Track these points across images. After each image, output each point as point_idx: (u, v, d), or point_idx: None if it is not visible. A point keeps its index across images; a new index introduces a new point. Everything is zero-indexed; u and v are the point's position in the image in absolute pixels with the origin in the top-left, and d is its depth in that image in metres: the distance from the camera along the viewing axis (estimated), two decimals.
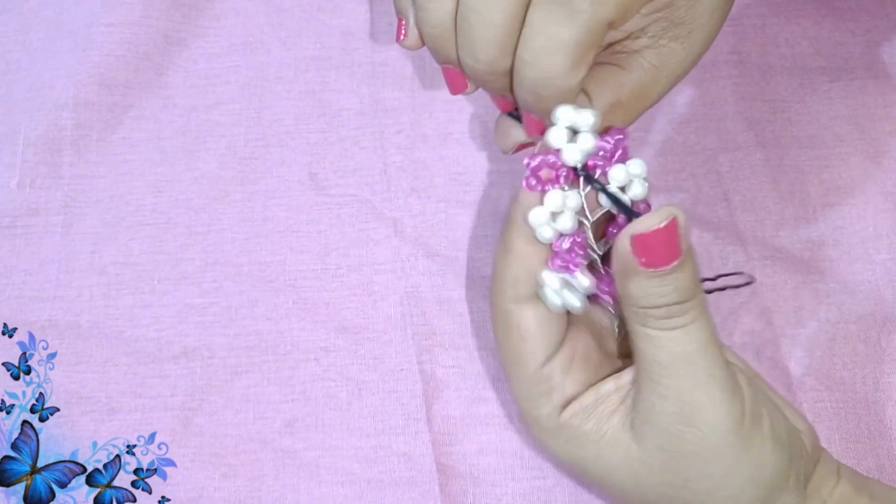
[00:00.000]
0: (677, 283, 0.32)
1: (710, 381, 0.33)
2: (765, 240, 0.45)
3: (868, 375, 0.42)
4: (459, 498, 0.41)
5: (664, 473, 0.34)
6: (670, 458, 0.34)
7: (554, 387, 0.35)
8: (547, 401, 0.36)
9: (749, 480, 0.33)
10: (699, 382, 0.33)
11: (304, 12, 0.50)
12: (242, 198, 0.46)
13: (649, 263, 0.31)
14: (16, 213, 0.46)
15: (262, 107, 0.48)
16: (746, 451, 0.33)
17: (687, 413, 0.33)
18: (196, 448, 0.42)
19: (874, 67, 0.49)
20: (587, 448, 0.35)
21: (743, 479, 0.33)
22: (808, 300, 0.44)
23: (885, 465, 0.40)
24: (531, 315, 0.35)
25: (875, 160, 0.47)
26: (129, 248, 0.45)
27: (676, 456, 0.33)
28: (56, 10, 0.50)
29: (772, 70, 0.49)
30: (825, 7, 0.47)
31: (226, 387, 0.43)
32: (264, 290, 0.44)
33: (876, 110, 0.48)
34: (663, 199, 0.46)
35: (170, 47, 0.49)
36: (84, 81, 0.48)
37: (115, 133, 0.48)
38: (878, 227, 0.45)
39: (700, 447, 0.33)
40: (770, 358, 0.43)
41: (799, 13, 0.49)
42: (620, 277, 0.33)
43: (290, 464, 0.42)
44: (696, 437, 0.33)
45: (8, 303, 0.44)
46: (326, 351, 0.43)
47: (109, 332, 0.44)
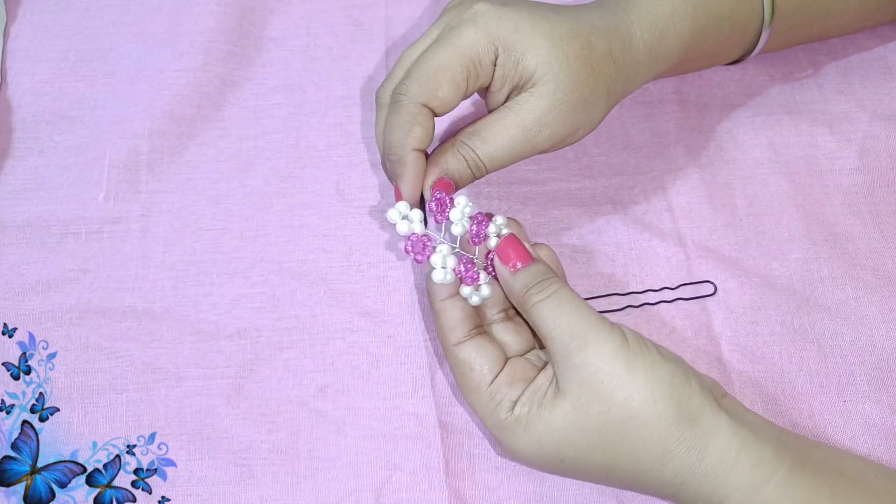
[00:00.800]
0: (538, 267, 0.40)
1: (584, 319, 0.38)
2: (700, 242, 0.48)
3: (783, 351, 0.46)
4: (457, 449, 0.44)
5: (591, 406, 0.37)
6: (587, 387, 0.37)
7: (503, 396, 0.39)
8: (500, 408, 0.39)
9: (651, 380, 0.36)
10: (578, 322, 0.38)
11: (332, 60, 0.53)
12: (283, 209, 0.49)
13: (513, 266, 0.40)
14: (102, 221, 0.49)
15: (299, 136, 0.51)
16: (637, 360, 0.37)
17: (579, 342, 0.37)
18: (246, 409, 0.44)
19: (788, 104, 0.52)
20: (538, 426, 0.38)
21: (647, 381, 0.36)
22: (735, 290, 0.47)
23: (797, 423, 0.44)
24: (470, 349, 0.40)
25: (788, 179, 0.50)
26: (193, 248, 0.48)
27: (589, 381, 0.37)
28: (135, 58, 0.53)
29: (707, 107, 0.52)
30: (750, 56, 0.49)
31: (270, 360, 0.46)
32: (301, 283, 0.47)
33: (789, 139, 0.51)
34: (620, 211, 0.49)
35: (225, 88, 0.52)
36: (157, 116, 0.50)
37: (181, 157, 0.50)
38: (792, 232, 0.48)
39: (600, 365, 0.37)
40: (705, 336, 0.46)
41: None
42: (506, 284, 0.40)
43: (322, 421, 0.44)
44: (592, 357, 0.37)
45: (97, 292, 0.47)
46: (351, 331, 0.46)
47: (177, 316, 0.46)
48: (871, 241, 0.48)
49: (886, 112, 0.52)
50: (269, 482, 0.43)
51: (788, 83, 0.50)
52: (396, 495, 0.43)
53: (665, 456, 0.36)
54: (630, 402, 0.37)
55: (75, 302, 0.47)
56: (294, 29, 0.54)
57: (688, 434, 0.36)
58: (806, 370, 0.46)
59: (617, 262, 0.48)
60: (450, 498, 0.43)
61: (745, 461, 0.36)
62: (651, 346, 0.38)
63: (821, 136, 0.51)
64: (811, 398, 0.45)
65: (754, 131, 0.51)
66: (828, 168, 0.50)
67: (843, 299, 0.47)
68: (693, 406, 0.37)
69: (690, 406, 0.37)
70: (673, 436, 0.36)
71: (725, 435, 0.36)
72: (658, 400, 0.36)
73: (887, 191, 0.50)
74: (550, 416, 0.38)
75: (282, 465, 0.44)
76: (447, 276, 0.41)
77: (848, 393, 0.45)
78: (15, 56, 0.53)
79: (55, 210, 0.49)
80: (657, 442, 0.36)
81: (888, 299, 0.47)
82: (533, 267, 0.40)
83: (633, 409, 0.37)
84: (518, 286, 0.40)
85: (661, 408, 0.36)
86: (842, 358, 0.46)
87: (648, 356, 0.37)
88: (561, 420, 0.37)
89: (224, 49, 0.52)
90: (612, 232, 0.49)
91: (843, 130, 0.51)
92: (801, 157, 0.51)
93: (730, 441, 0.36)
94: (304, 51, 0.53)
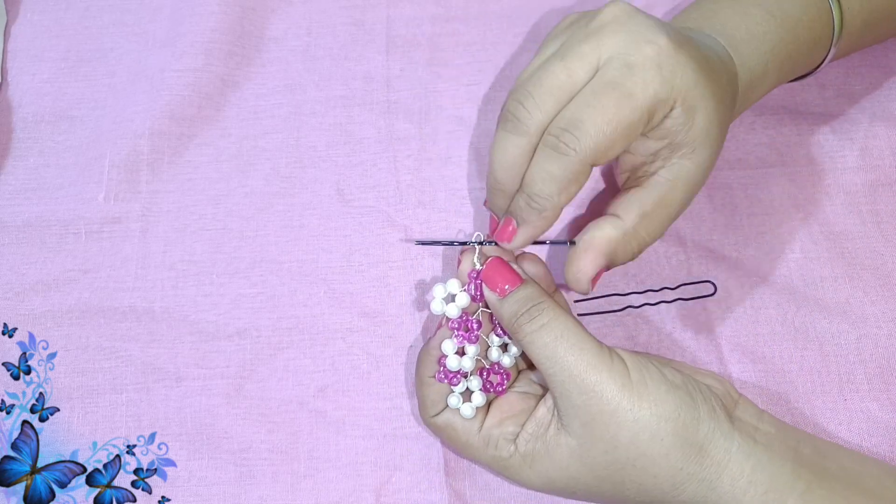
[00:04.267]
0: (527, 291, 0.38)
1: (582, 356, 0.36)
2: (701, 242, 0.48)
3: (784, 351, 0.46)
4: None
5: (595, 446, 0.36)
6: (592, 429, 0.36)
7: (498, 435, 0.39)
8: (499, 448, 0.39)
9: (656, 417, 0.35)
10: (577, 361, 0.36)
11: (332, 60, 0.53)
12: (283, 209, 0.49)
13: (501, 291, 0.38)
14: (102, 221, 0.49)
15: (299, 136, 0.51)
16: (641, 396, 0.35)
17: (579, 384, 0.36)
18: (246, 409, 0.44)
19: (789, 104, 0.52)
20: (545, 462, 0.37)
21: (651, 419, 0.35)
22: (735, 290, 0.47)
23: (798, 421, 0.44)
24: (447, 414, 0.40)
25: (789, 178, 0.50)
26: (193, 248, 0.48)
27: (593, 423, 0.36)
28: (135, 58, 0.53)
29: None
30: None
31: (270, 360, 0.46)
32: (301, 283, 0.47)
33: (791, 138, 0.51)
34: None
35: (226, 88, 0.52)
36: (157, 116, 0.50)
37: (182, 157, 0.50)
38: (792, 232, 0.48)
39: (604, 406, 0.35)
40: (705, 336, 0.46)
41: None
42: (495, 310, 0.39)
43: (322, 421, 0.44)
44: (594, 399, 0.35)
45: (97, 292, 0.47)
46: (351, 331, 0.46)
47: (177, 316, 0.46)
48: (871, 240, 0.48)
49: (887, 112, 0.52)
50: (269, 482, 0.43)
51: (790, 83, 0.50)
52: (396, 495, 0.43)
53: (675, 490, 0.36)
54: (636, 441, 0.35)
55: (75, 302, 0.47)
56: (295, 29, 0.54)
57: (697, 468, 0.35)
58: (806, 370, 0.46)
59: None
60: (450, 498, 0.43)
61: (759, 485, 0.35)
62: (655, 373, 0.37)
63: (822, 135, 0.51)
64: (812, 398, 0.45)
65: (755, 131, 0.51)
66: (829, 167, 0.50)
67: (843, 299, 0.47)
68: (701, 436, 0.35)
69: (699, 437, 0.35)
70: (682, 472, 0.35)
71: (737, 460, 0.35)
72: (665, 437, 0.35)
73: (888, 190, 0.50)
74: (556, 453, 0.37)
75: (282, 465, 0.44)
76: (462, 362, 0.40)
77: (848, 392, 0.45)
78: (15, 56, 0.53)
79: (55, 210, 0.49)
80: (666, 478, 0.36)
81: (888, 299, 0.47)
82: (521, 291, 0.38)
83: (640, 448, 0.35)
84: (507, 314, 0.38)
85: (669, 445, 0.35)
86: (842, 357, 0.46)
87: (653, 389, 0.36)
88: (567, 458, 0.37)
89: (225, 49, 0.52)
90: None
91: (844, 130, 0.51)
92: (802, 156, 0.51)
93: (742, 466, 0.35)
94: (305, 51, 0.54)
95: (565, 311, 0.38)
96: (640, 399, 0.36)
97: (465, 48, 0.54)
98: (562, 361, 0.36)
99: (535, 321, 0.37)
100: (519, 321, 0.38)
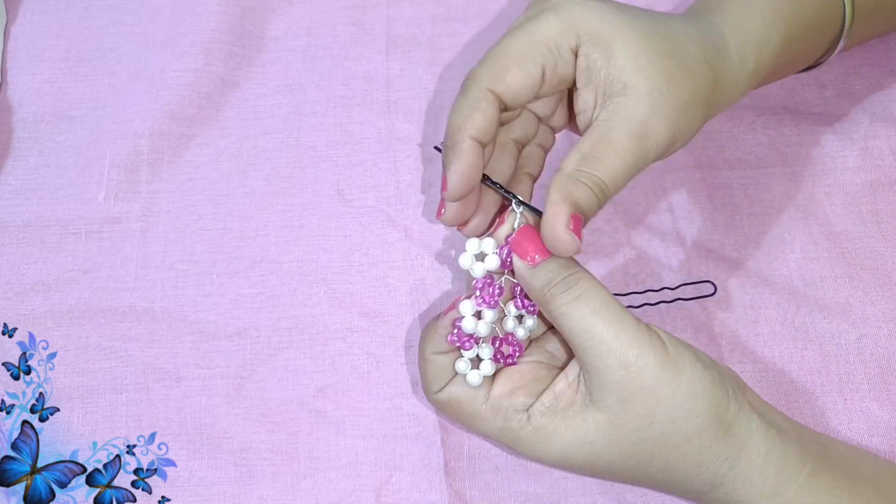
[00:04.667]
0: (559, 261, 0.37)
1: (623, 326, 0.35)
2: (701, 242, 0.49)
3: (784, 351, 0.46)
4: (457, 449, 0.44)
5: (629, 422, 0.35)
6: (628, 404, 0.35)
7: (507, 407, 0.38)
8: (509, 418, 0.38)
9: (693, 394, 0.35)
10: (616, 336, 0.35)
11: (333, 60, 0.53)
12: (283, 209, 0.49)
13: (532, 259, 0.37)
14: (102, 221, 0.49)
15: (299, 136, 0.51)
16: (680, 372, 0.35)
17: (620, 358, 0.35)
18: (246, 409, 0.44)
19: (789, 104, 0.52)
20: (564, 437, 0.37)
21: (688, 395, 0.35)
22: (735, 290, 0.47)
23: (797, 420, 0.40)
24: (450, 388, 0.39)
25: (789, 178, 0.50)
26: (193, 248, 0.48)
27: (631, 399, 0.35)
28: (135, 58, 0.53)
29: None
30: None
31: (270, 360, 0.46)
32: (301, 283, 0.47)
33: (791, 138, 0.51)
34: (620, 210, 0.49)
35: (226, 88, 0.52)
36: (157, 116, 0.50)
37: (182, 157, 0.51)
38: (792, 232, 0.49)
39: (643, 381, 0.35)
40: (705, 336, 0.46)
41: None
42: (524, 281, 0.37)
43: (322, 421, 0.44)
44: (634, 374, 0.35)
45: (97, 292, 0.47)
46: (351, 331, 0.46)
47: (177, 316, 0.46)
48: (871, 240, 0.49)
49: (887, 112, 0.52)
50: (269, 482, 0.43)
51: (790, 83, 0.50)
52: (396, 495, 0.43)
53: (700, 468, 0.36)
54: (672, 417, 0.35)
55: (75, 302, 0.47)
56: (295, 29, 0.54)
57: (724, 446, 0.36)
58: (807, 370, 0.46)
59: (616, 262, 0.48)
60: (450, 498, 0.43)
61: (771, 466, 0.36)
62: (688, 352, 0.37)
63: (822, 135, 0.51)
64: (812, 398, 0.45)
65: (755, 131, 0.51)
66: (829, 167, 0.50)
67: (843, 299, 0.47)
68: (730, 416, 0.36)
69: (728, 416, 0.36)
70: (710, 449, 0.36)
71: (756, 441, 0.36)
72: (700, 413, 0.35)
73: (888, 190, 0.50)
74: (581, 429, 0.37)
75: (282, 465, 0.44)
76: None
77: (848, 392, 0.45)
78: (15, 56, 0.54)
79: (55, 210, 0.49)
80: (694, 455, 0.36)
81: (888, 299, 0.47)
82: (554, 261, 0.37)
83: (676, 424, 0.35)
84: (538, 283, 0.37)
85: (703, 422, 0.35)
86: (842, 357, 0.46)
87: (689, 365, 0.36)
88: (594, 433, 0.36)
89: (225, 49, 0.53)
90: (612, 232, 0.49)
91: (844, 130, 0.51)
92: (802, 156, 0.51)
93: (759, 447, 0.36)
94: (305, 51, 0.54)
95: (600, 284, 0.37)
96: (679, 374, 0.36)
97: (466, 48, 0.54)
98: (600, 335, 0.35)
99: (570, 291, 0.36)
100: (553, 290, 0.36)
